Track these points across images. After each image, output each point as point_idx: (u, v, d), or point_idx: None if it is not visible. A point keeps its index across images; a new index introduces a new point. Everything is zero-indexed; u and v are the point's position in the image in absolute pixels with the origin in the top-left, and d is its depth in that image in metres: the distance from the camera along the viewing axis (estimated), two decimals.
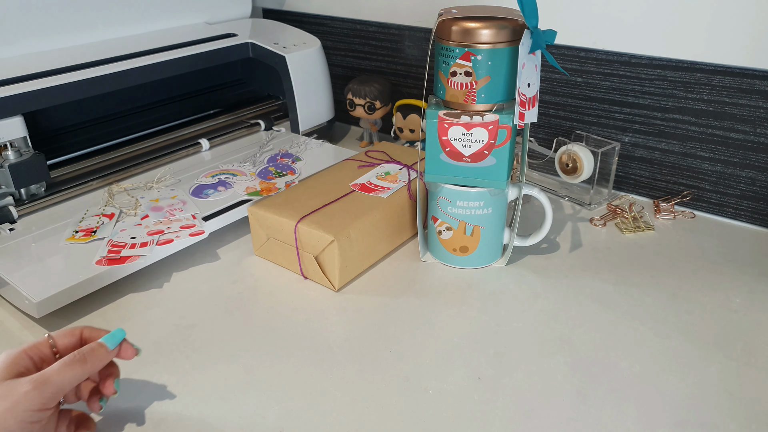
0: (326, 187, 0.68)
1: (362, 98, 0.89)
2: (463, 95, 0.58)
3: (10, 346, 0.54)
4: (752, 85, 0.68)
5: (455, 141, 0.59)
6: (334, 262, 0.59)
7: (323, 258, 0.60)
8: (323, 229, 0.59)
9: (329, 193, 0.66)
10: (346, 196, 0.66)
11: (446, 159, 0.61)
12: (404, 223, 0.68)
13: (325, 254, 0.60)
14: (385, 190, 0.67)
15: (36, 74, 0.70)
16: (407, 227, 0.69)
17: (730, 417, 0.46)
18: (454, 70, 0.57)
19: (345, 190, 0.67)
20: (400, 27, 0.93)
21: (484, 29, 0.55)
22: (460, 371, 0.51)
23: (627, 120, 0.78)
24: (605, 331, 0.55)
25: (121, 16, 0.84)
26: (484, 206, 0.61)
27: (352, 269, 0.62)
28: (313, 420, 0.46)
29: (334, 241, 0.58)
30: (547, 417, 0.46)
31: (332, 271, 0.60)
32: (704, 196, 0.76)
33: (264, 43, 0.88)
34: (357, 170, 0.72)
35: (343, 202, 0.65)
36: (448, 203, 0.62)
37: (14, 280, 0.56)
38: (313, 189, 0.68)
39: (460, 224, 0.63)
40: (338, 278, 0.60)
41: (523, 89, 0.55)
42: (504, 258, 0.65)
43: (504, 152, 0.59)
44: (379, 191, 0.67)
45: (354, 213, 0.62)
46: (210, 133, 0.88)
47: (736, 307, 0.58)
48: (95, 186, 0.74)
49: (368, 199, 0.65)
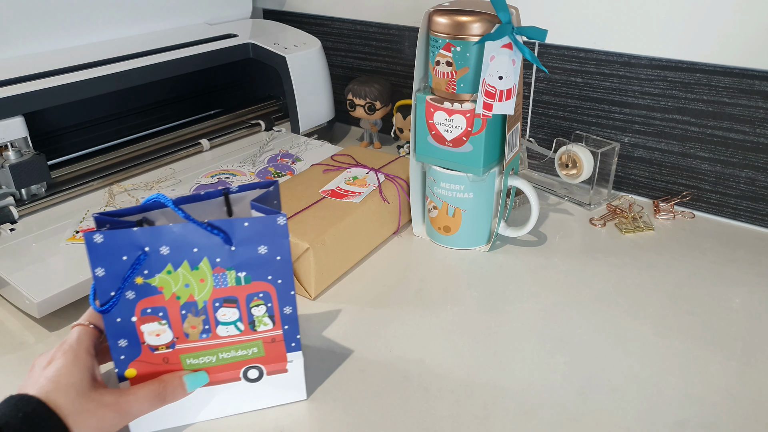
0: (296, 194, 0.67)
1: (362, 99, 0.89)
2: (445, 83, 0.62)
3: (10, 346, 0.54)
4: (752, 86, 0.68)
5: (439, 125, 0.63)
6: (309, 269, 0.59)
7: (298, 266, 0.59)
8: (298, 236, 0.58)
9: (300, 200, 0.65)
10: (318, 203, 0.65)
11: (432, 141, 0.64)
12: (378, 227, 0.68)
13: (300, 262, 0.59)
14: (357, 195, 0.67)
15: (36, 75, 0.70)
16: (381, 231, 0.69)
17: (730, 417, 0.46)
18: (438, 60, 0.61)
19: (316, 197, 0.66)
20: (400, 27, 0.93)
21: (462, 22, 0.58)
22: (460, 371, 0.51)
23: (627, 120, 0.78)
24: (605, 331, 0.55)
25: (121, 16, 0.84)
26: (464, 190, 0.64)
27: (327, 276, 0.61)
28: (314, 420, 0.46)
29: (309, 248, 0.57)
30: (547, 417, 0.46)
31: (308, 280, 0.59)
32: (704, 196, 0.76)
33: (264, 44, 0.88)
34: (323, 175, 0.71)
35: (316, 209, 0.64)
36: (434, 183, 0.66)
37: (15, 280, 0.56)
38: (284, 196, 0.66)
39: (444, 204, 0.66)
40: (314, 286, 0.59)
41: (492, 81, 0.58)
42: (488, 245, 0.68)
43: (480, 140, 0.62)
44: (350, 196, 0.66)
45: (328, 219, 0.62)
46: (210, 133, 0.88)
47: (736, 307, 0.59)
48: (96, 186, 0.74)
49: (341, 204, 0.65)
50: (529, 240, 0.70)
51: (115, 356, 0.42)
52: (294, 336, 0.45)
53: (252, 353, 0.44)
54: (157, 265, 0.40)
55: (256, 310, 0.43)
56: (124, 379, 0.43)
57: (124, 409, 0.40)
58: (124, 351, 0.42)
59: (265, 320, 0.44)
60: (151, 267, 0.40)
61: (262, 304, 0.43)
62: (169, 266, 0.40)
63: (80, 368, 0.40)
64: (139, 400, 0.41)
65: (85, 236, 0.38)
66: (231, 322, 0.43)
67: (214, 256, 0.41)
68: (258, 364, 0.45)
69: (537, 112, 0.84)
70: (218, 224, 0.40)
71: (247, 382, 0.46)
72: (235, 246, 0.41)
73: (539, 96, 0.83)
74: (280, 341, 0.45)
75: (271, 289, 0.43)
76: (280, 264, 0.42)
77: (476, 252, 0.68)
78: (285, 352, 0.45)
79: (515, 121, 0.64)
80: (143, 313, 0.41)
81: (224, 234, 0.40)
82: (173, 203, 0.41)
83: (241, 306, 0.43)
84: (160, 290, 0.41)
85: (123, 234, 0.39)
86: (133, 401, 0.41)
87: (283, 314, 0.44)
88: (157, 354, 0.43)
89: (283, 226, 0.41)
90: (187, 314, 0.42)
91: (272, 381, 0.46)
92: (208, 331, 0.43)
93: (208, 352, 0.44)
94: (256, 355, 0.45)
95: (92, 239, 0.38)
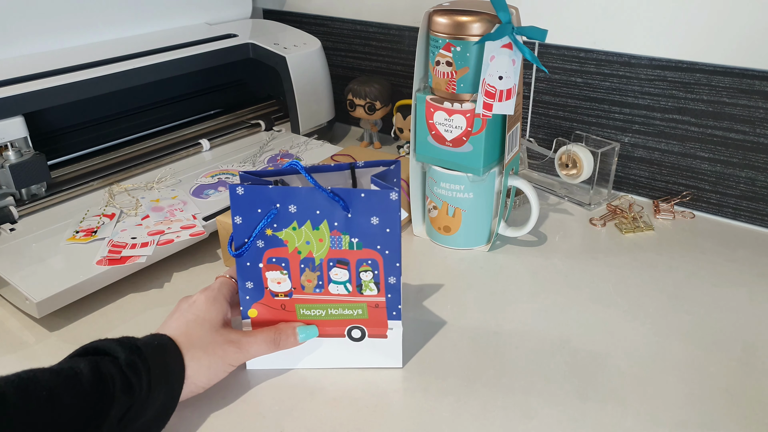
0: None
1: (362, 99, 0.89)
2: (445, 83, 0.62)
3: (10, 346, 0.54)
4: (752, 86, 0.68)
5: (439, 125, 0.63)
6: None
7: None
8: None
9: None
10: None
11: (432, 141, 0.64)
12: None
13: None
14: None
15: (37, 75, 0.70)
16: None
17: (730, 417, 0.46)
18: (438, 60, 0.61)
19: None
20: (400, 27, 0.93)
21: (462, 22, 0.58)
22: (460, 371, 0.51)
23: (626, 120, 0.78)
24: (605, 331, 0.55)
25: (121, 16, 0.84)
26: (464, 190, 0.64)
27: None
28: (313, 419, 0.46)
29: None
30: (547, 417, 0.46)
31: None
32: (704, 196, 0.76)
33: (264, 44, 0.88)
34: None
35: None
36: (434, 183, 0.66)
37: (15, 280, 0.56)
38: None
39: (444, 204, 0.66)
40: None
41: (492, 81, 0.58)
42: (488, 245, 0.68)
43: (479, 140, 0.61)
44: None
45: None
46: (210, 133, 0.88)
47: (736, 307, 0.59)
48: (96, 186, 0.74)
49: None
50: (529, 240, 0.70)
51: (242, 296, 0.49)
52: (396, 305, 0.49)
53: (357, 314, 0.49)
54: (285, 220, 0.46)
55: (364, 275, 0.48)
56: (247, 317, 0.49)
57: (244, 348, 0.47)
58: (250, 292, 0.48)
59: (371, 286, 0.48)
60: (279, 222, 0.46)
61: (369, 270, 0.47)
62: (294, 223, 0.46)
63: (217, 308, 0.48)
64: (258, 342, 0.48)
65: (230, 187, 0.45)
66: (341, 282, 0.48)
67: (333, 220, 0.46)
68: (361, 325, 0.50)
69: (537, 112, 0.84)
70: (339, 192, 0.45)
71: (351, 340, 0.50)
72: (352, 213, 0.46)
73: (539, 96, 0.83)
74: (383, 308, 0.49)
75: (379, 258, 0.47)
76: (389, 236, 0.46)
77: (476, 252, 0.68)
78: (386, 318, 0.49)
79: (515, 121, 0.64)
80: (269, 261, 0.47)
81: (343, 201, 0.45)
82: (305, 170, 0.46)
83: (351, 269, 0.47)
84: (285, 243, 0.47)
85: (260, 189, 0.45)
86: (253, 342, 0.48)
87: (387, 283, 0.48)
88: (277, 300, 0.49)
89: (395, 201, 0.45)
90: (305, 268, 0.48)
91: (372, 344, 0.50)
92: (321, 286, 0.48)
93: (319, 306, 0.49)
94: (360, 316, 0.49)
95: (235, 190, 0.45)
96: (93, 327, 0.56)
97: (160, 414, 0.43)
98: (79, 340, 0.44)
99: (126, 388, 0.40)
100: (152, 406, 0.41)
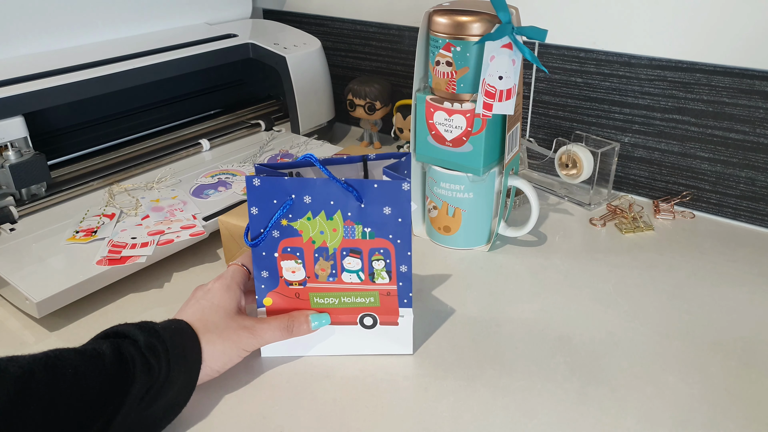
0: None
1: (362, 99, 0.89)
2: (445, 83, 0.62)
3: (10, 346, 0.54)
4: (751, 86, 0.68)
5: (439, 125, 0.63)
6: None
7: None
8: None
9: None
10: None
11: (432, 141, 0.64)
12: None
13: None
14: None
15: (36, 75, 0.70)
16: None
17: (730, 417, 0.46)
18: (438, 60, 0.61)
19: None
20: (400, 27, 0.93)
21: (462, 22, 0.58)
22: (460, 371, 0.51)
23: (626, 120, 0.78)
24: (605, 331, 0.55)
25: (121, 16, 0.84)
26: (464, 190, 0.64)
27: None
28: (313, 419, 0.46)
29: None
30: (547, 417, 0.46)
31: None
32: (704, 196, 0.76)
33: (264, 44, 0.88)
34: None
35: None
36: (435, 183, 0.66)
37: (15, 280, 0.56)
38: None
39: (444, 204, 0.66)
40: None
41: (492, 81, 0.59)
42: (488, 245, 0.68)
43: (479, 140, 0.62)
44: None
45: None
46: (210, 133, 0.88)
47: (737, 307, 0.59)
48: (96, 186, 0.74)
49: None
50: (529, 240, 0.70)
51: (257, 284, 0.50)
52: (407, 293, 0.50)
53: (369, 302, 0.50)
54: (300, 211, 0.47)
55: (377, 264, 0.49)
56: (262, 305, 0.51)
57: (258, 334, 0.49)
58: (265, 281, 0.50)
59: (383, 274, 0.49)
60: (294, 212, 0.47)
61: (381, 259, 0.49)
62: (309, 213, 0.47)
63: (230, 296, 0.49)
64: (271, 328, 0.49)
65: (247, 178, 0.46)
66: (354, 271, 0.49)
67: (346, 210, 0.47)
68: (373, 313, 0.51)
69: (537, 112, 0.84)
70: (353, 183, 0.46)
71: (362, 327, 0.51)
72: (365, 204, 0.47)
73: (539, 96, 0.83)
74: (394, 296, 0.50)
75: (391, 247, 0.48)
76: (400, 225, 0.47)
77: (476, 252, 0.68)
78: (398, 306, 0.50)
79: (515, 121, 0.64)
80: (284, 251, 0.48)
81: (356, 192, 0.46)
82: (319, 162, 0.48)
83: (364, 258, 0.49)
84: (299, 233, 0.48)
85: (276, 181, 0.46)
86: (267, 328, 0.49)
87: (399, 271, 0.49)
88: (291, 288, 0.50)
89: (407, 191, 0.46)
90: (319, 258, 0.49)
91: (384, 331, 0.51)
92: (335, 275, 0.49)
93: (333, 294, 0.50)
94: (372, 304, 0.50)
95: (252, 182, 0.46)
96: (93, 327, 0.56)
97: (180, 394, 0.44)
98: (79, 340, 0.44)
99: (146, 368, 0.41)
100: (172, 387, 0.43)
